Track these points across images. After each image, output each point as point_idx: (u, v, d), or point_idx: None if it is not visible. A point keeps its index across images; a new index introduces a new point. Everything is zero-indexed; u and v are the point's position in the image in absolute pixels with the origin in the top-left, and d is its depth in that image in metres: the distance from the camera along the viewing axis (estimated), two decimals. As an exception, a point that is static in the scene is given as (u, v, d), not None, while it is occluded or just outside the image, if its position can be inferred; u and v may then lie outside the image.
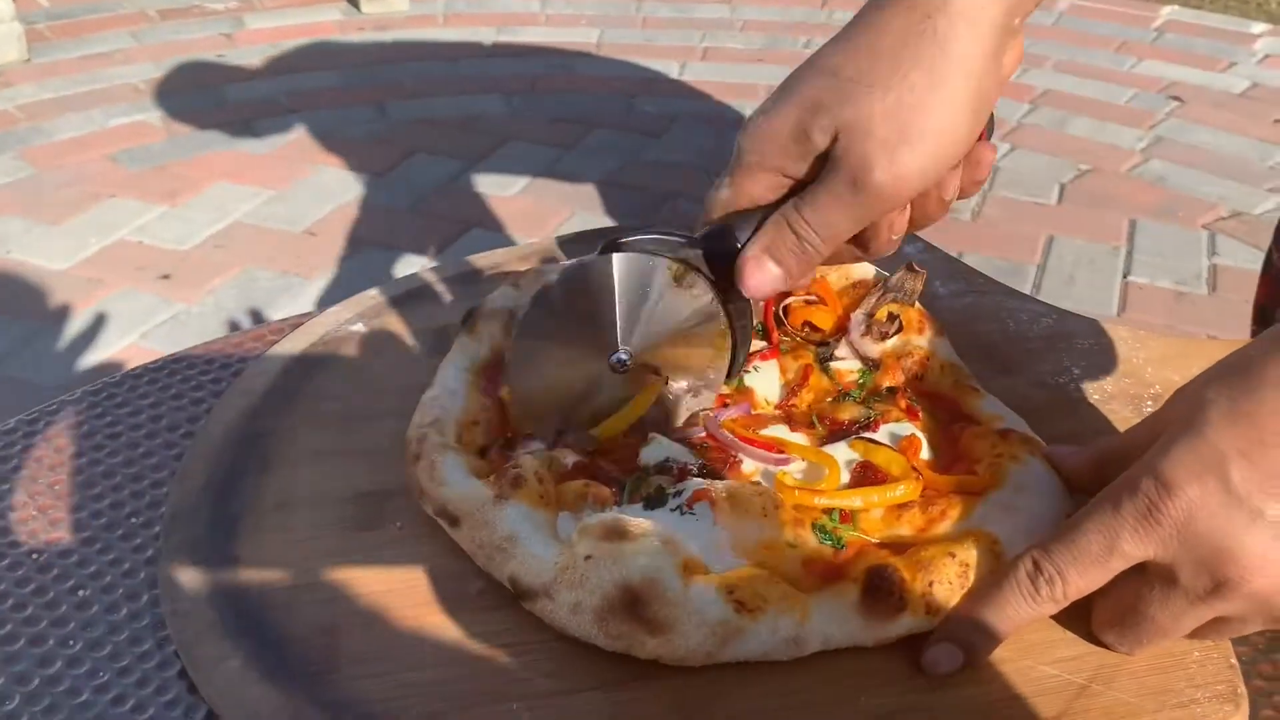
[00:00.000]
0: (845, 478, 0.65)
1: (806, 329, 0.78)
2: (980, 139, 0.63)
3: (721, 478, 0.64)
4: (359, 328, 0.81)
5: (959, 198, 0.66)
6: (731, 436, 0.67)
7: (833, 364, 0.75)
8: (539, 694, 0.54)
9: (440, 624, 0.58)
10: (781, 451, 0.67)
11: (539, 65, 3.39)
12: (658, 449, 0.66)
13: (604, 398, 0.69)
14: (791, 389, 0.73)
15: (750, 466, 0.66)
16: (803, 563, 0.59)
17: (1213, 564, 0.50)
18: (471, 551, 0.60)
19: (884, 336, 0.75)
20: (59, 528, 0.66)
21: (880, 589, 0.56)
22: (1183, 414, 0.53)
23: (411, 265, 2.39)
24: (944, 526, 0.61)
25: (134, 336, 2.16)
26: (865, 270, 0.80)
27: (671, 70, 3.37)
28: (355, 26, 3.62)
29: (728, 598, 0.55)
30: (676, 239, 0.67)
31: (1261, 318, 1.11)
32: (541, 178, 2.78)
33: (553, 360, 0.68)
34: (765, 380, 0.73)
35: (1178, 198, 2.75)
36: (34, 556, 0.64)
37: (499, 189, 2.72)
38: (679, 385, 0.71)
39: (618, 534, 0.56)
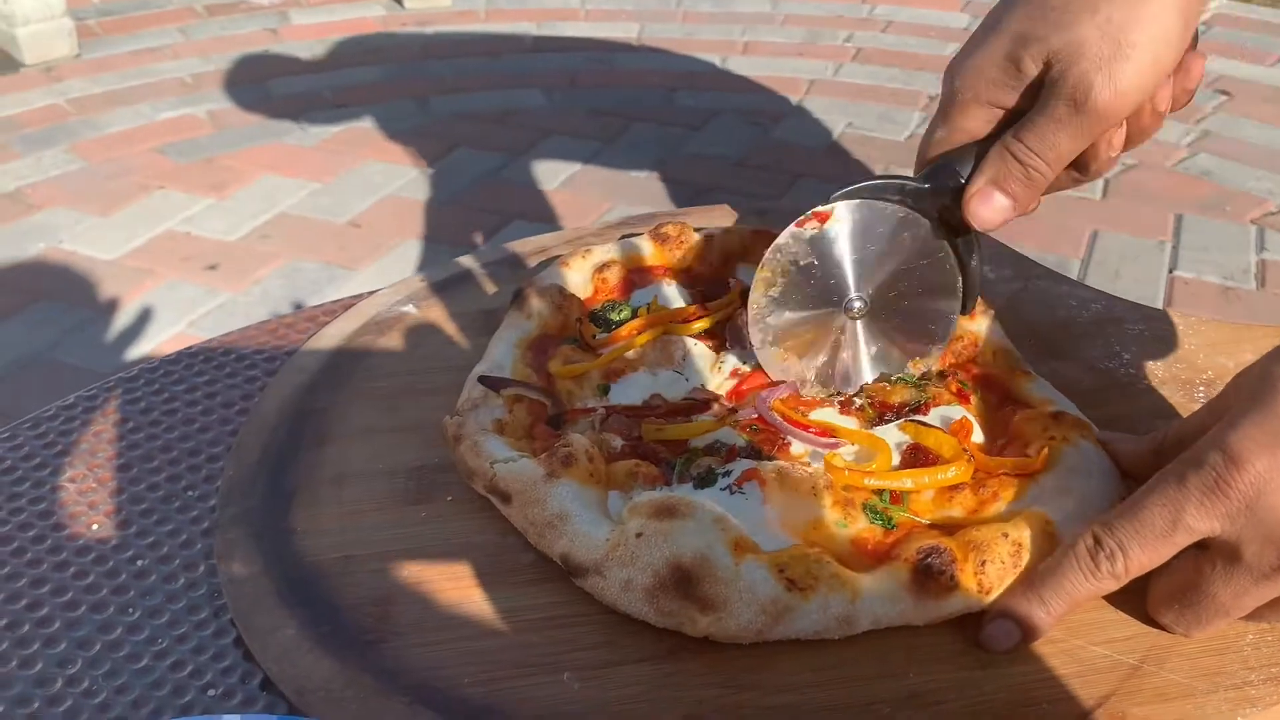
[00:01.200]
0: (896, 460, 0.65)
1: None
2: (1189, 48, 0.65)
3: (770, 459, 0.64)
4: (409, 309, 0.82)
5: (1172, 110, 0.67)
6: (780, 419, 0.67)
7: None
8: (589, 665, 0.54)
9: (491, 595, 0.58)
10: (831, 435, 0.67)
11: (579, 59, 3.40)
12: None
13: (847, 352, 0.73)
14: None
15: (799, 449, 0.66)
16: (852, 542, 0.59)
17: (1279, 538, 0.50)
18: (523, 528, 0.61)
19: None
20: (117, 500, 0.68)
21: (931, 568, 0.56)
22: (1249, 391, 0.52)
23: (454, 256, 2.40)
24: (996, 508, 0.60)
25: (181, 326, 2.19)
26: None
27: (712, 64, 3.37)
28: (398, 22, 3.65)
29: (779, 576, 0.55)
30: (900, 182, 0.69)
31: None
32: (582, 170, 2.79)
33: (790, 316, 0.71)
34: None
35: (1225, 192, 2.72)
36: (94, 528, 0.65)
37: (540, 182, 2.73)
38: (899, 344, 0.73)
39: (668, 512, 0.57)
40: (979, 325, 0.74)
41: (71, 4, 3.48)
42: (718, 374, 0.73)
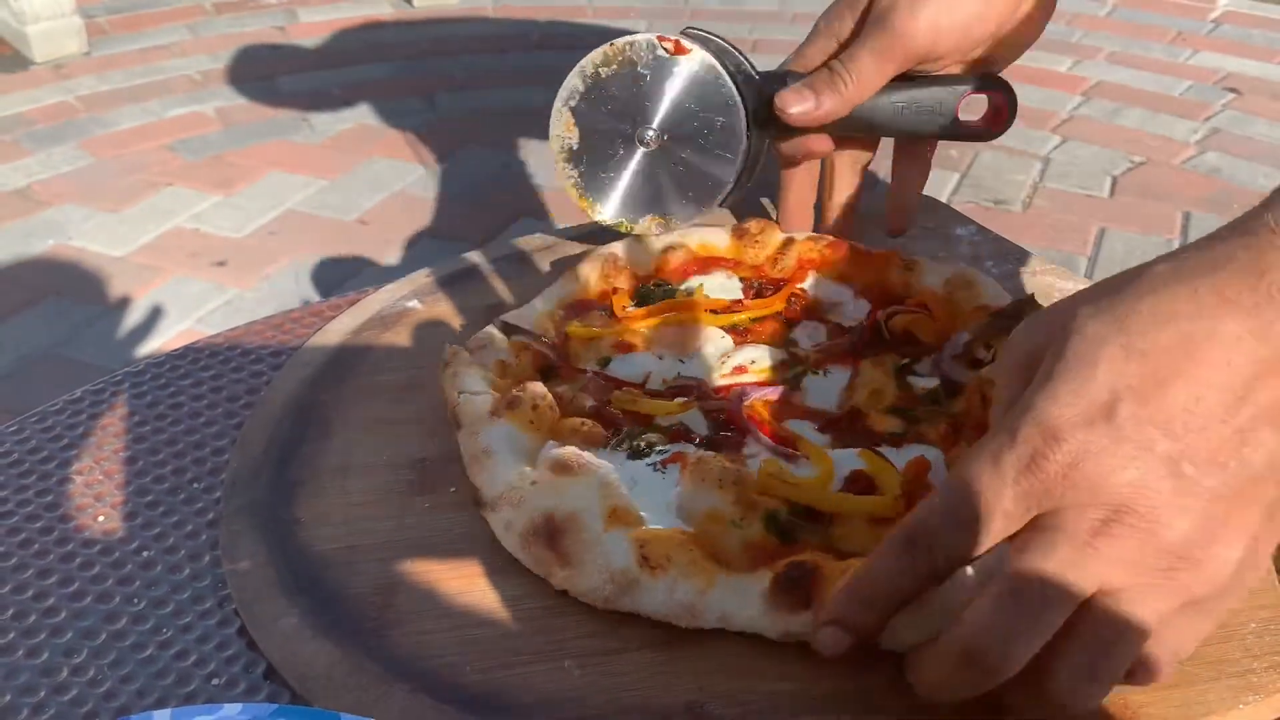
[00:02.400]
0: (839, 485, 0.62)
1: (908, 339, 0.74)
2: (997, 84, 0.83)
3: (719, 449, 0.64)
4: (414, 304, 0.82)
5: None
6: (746, 419, 0.67)
7: (911, 378, 0.71)
8: (590, 653, 0.55)
9: (493, 585, 0.59)
10: (791, 446, 0.65)
11: (587, 57, 3.40)
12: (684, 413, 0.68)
13: (618, 175, 0.82)
14: (846, 395, 0.70)
15: (753, 450, 0.65)
16: (744, 545, 0.58)
17: (1099, 500, 0.45)
18: (464, 457, 0.64)
19: (977, 365, 0.69)
20: (124, 491, 0.68)
21: (791, 579, 0.54)
22: (1055, 348, 0.48)
23: (462, 253, 2.41)
24: None
25: (189, 322, 2.20)
26: (999, 297, 0.75)
27: (720, 62, 3.36)
28: (406, 18, 3.66)
29: (636, 550, 0.56)
30: (741, 59, 0.82)
31: None
32: (589, 168, 2.79)
33: (596, 112, 0.82)
34: (826, 386, 0.71)
35: (1233, 190, 2.71)
36: (100, 520, 0.66)
37: (548, 179, 2.74)
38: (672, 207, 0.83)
39: (565, 468, 0.60)
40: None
41: (81, 2, 3.49)
42: (721, 367, 0.73)
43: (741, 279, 0.80)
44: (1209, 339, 0.44)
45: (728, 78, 0.79)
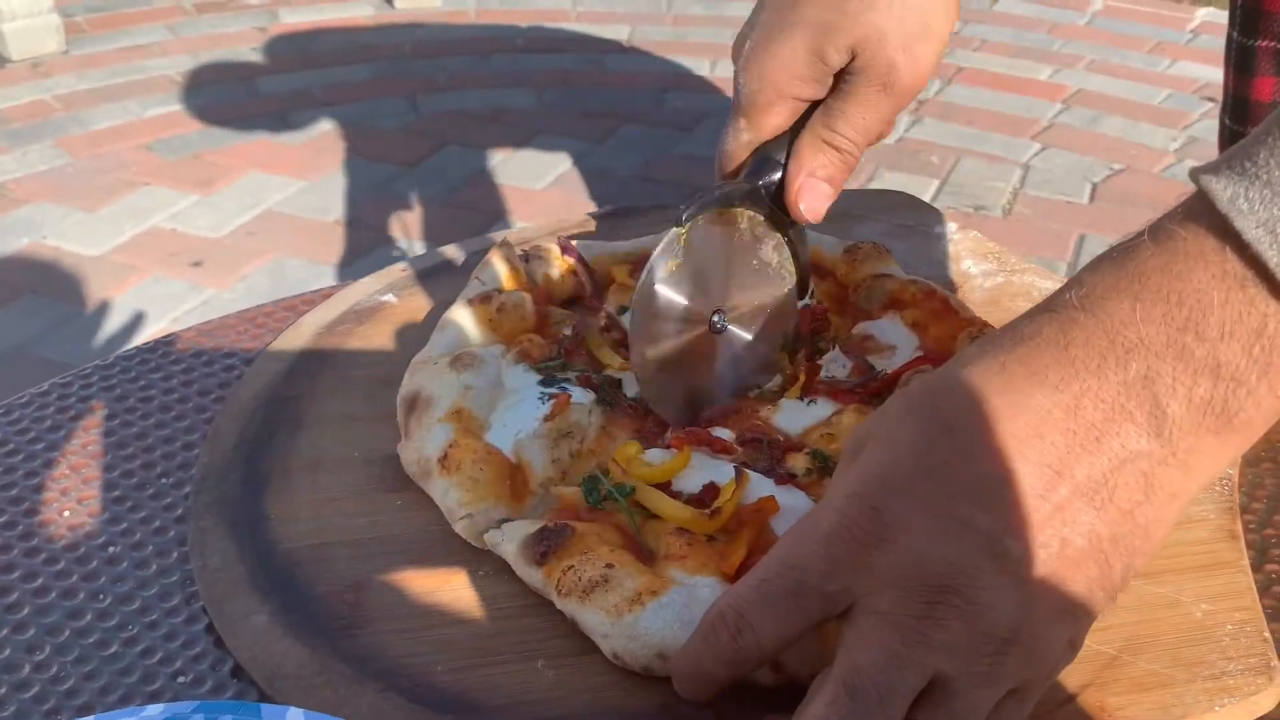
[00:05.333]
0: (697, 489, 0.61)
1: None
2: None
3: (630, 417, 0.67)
4: (389, 299, 0.82)
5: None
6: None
7: None
8: (563, 653, 0.54)
9: (465, 583, 0.58)
10: (703, 443, 0.64)
11: (570, 60, 3.40)
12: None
13: (724, 365, 0.71)
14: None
15: (636, 448, 0.63)
16: (559, 496, 0.61)
17: (921, 579, 0.43)
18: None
19: None
20: (91, 486, 0.67)
21: (543, 534, 0.56)
22: (878, 422, 0.46)
23: (440, 255, 2.40)
24: (675, 567, 0.55)
25: (165, 322, 2.18)
26: None
27: (702, 67, 3.37)
28: (388, 21, 3.64)
29: (445, 450, 0.62)
30: (727, 189, 0.68)
31: (1236, 113, 1.07)
32: (571, 170, 2.78)
33: (666, 344, 0.68)
34: (800, 414, 0.68)
35: (1212, 198, 2.73)
36: (65, 514, 0.65)
37: (529, 181, 2.73)
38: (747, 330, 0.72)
39: (458, 360, 0.67)
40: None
41: (59, 1, 3.46)
42: None
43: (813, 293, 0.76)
44: (1018, 413, 0.43)
45: (740, 211, 0.68)
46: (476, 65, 3.36)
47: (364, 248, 2.44)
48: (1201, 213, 0.42)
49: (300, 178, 2.71)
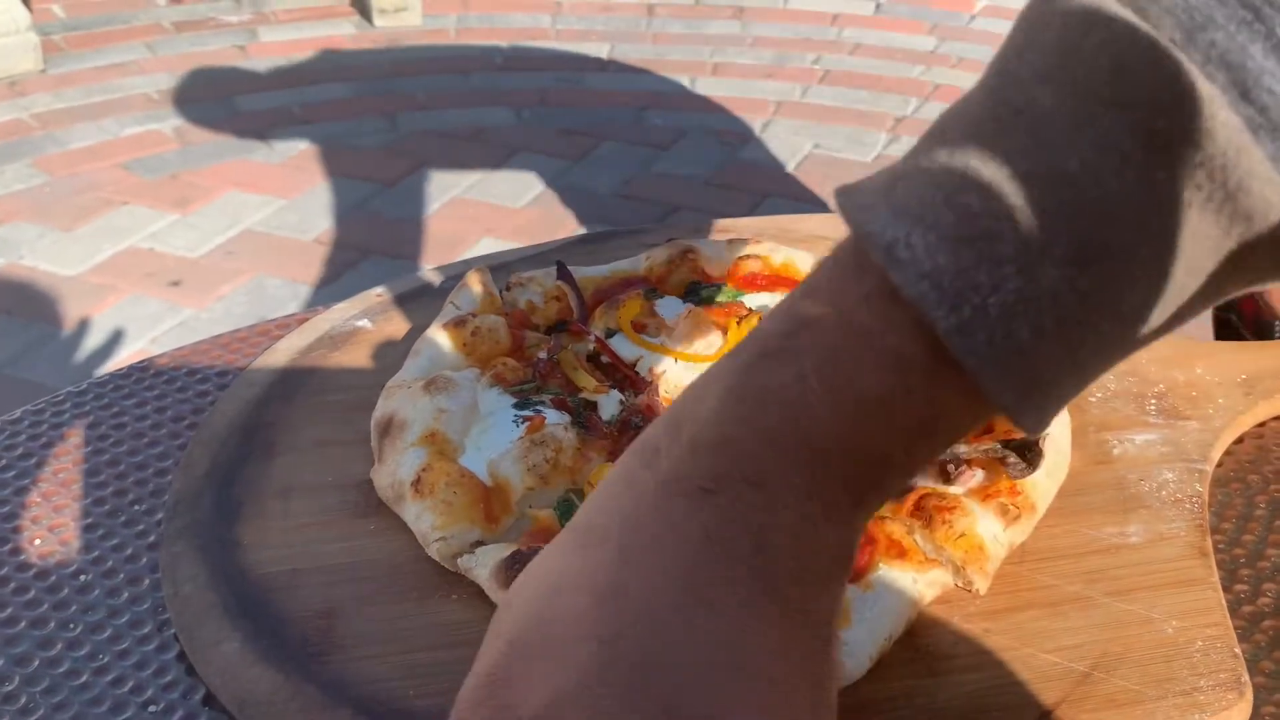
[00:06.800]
0: None
1: None
2: None
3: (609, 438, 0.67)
4: (364, 324, 0.81)
5: None
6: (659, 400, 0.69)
7: None
8: (537, 678, 0.54)
9: (437, 609, 0.58)
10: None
11: (549, 78, 3.40)
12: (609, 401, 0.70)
13: None
14: None
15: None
16: (532, 519, 0.62)
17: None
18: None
19: (944, 477, 0.63)
20: (63, 514, 0.66)
21: (516, 560, 0.56)
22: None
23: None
24: None
25: (143, 342, 2.17)
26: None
27: (681, 84, 3.38)
28: (368, 40, 3.65)
29: (418, 473, 0.62)
30: None
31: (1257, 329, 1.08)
32: (551, 189, 2.79)
33: None
34: None
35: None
36: (36, 542, 0.64)
37: (509, 200, 2.73)
38: None
39: (431, 384, 0.67)
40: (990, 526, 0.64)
41: (37, 19, 3.45)
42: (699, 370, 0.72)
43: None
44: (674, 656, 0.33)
45: None
46: (456, 84, 3.37)
47: (343, 267, 2.43)
48: (859, 273, 0.34)
49: (279, 197, 2.71)
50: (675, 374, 0.71)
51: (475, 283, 0.77)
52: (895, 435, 0.33)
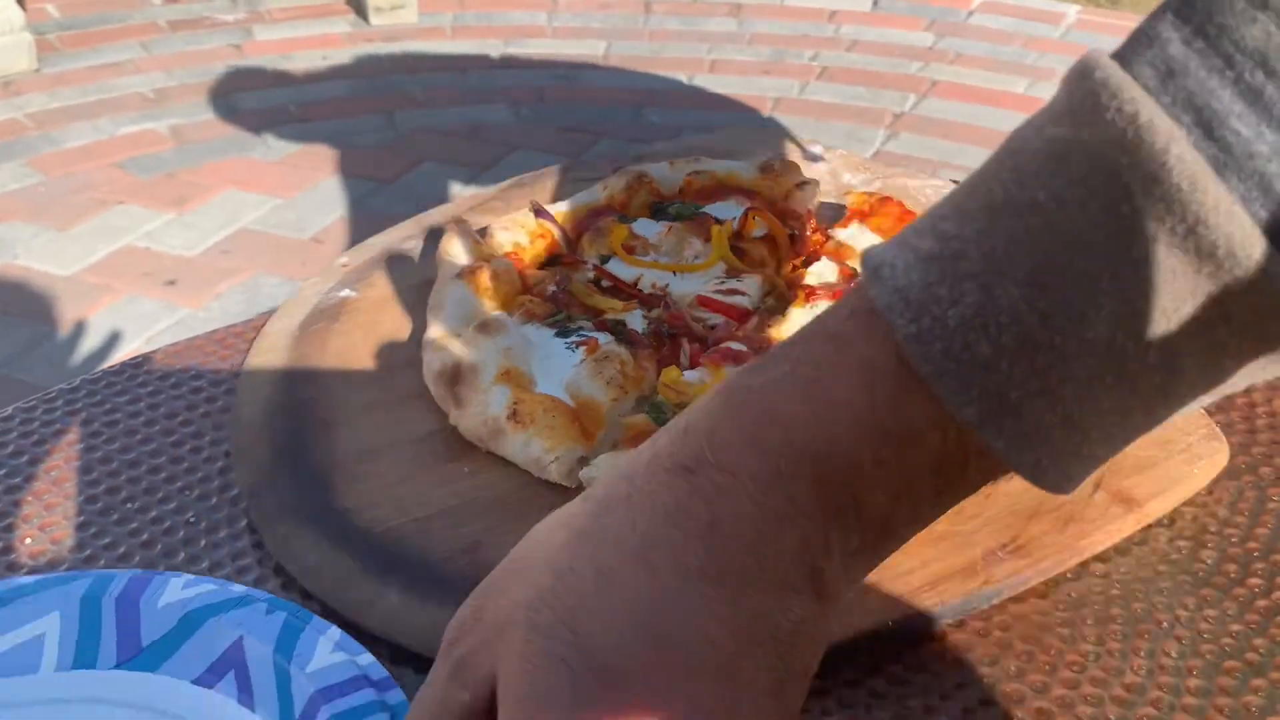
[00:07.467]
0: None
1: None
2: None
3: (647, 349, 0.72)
4: (348, 294, 0.82)
5: None
6: (683, 323, 0.75)
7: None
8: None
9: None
10: (711, 366, 0.71)
11: (546, 76, 3.39)
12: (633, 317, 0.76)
13: None
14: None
15: (676, 372, 0.71)
16: (624, 427, 0.67)
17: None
18: (429, 307, 0.75)
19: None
20: (55, 512, 0.66)
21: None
22: (520, 684, 0.37)
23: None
24: None
25: (139, 341, 2.16)
26: None
27: (679, 81, 3.37)
28: (364, 38, 3.63)
29: (510, 406, 0.66)
30: None
31: None
32: (548, 187, 2.78)
33: None
34: (809, 318, 0.76)
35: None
36: (28, 541, 0.63)
37: (506, 198, 2.72)
38: None
39: (484, 327, 0.71)
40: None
41: (31, 18, 3.44)
42: (707, 287, 0.78)
43: (748, 209, 0.84)
44: (671, 637, 0.35)
45: None
46: (453, 81, 3.36)
47: (340, 265, 2.43)
48: (858, 297, 0.35)
49: (276, 195, 2.70)
50: (677, 286, 0.78)
51: (459, 235, 0.79)
52: (862, 440, 0.34)
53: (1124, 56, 0.33)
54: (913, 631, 0.56)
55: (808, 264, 0.80)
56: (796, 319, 0.73)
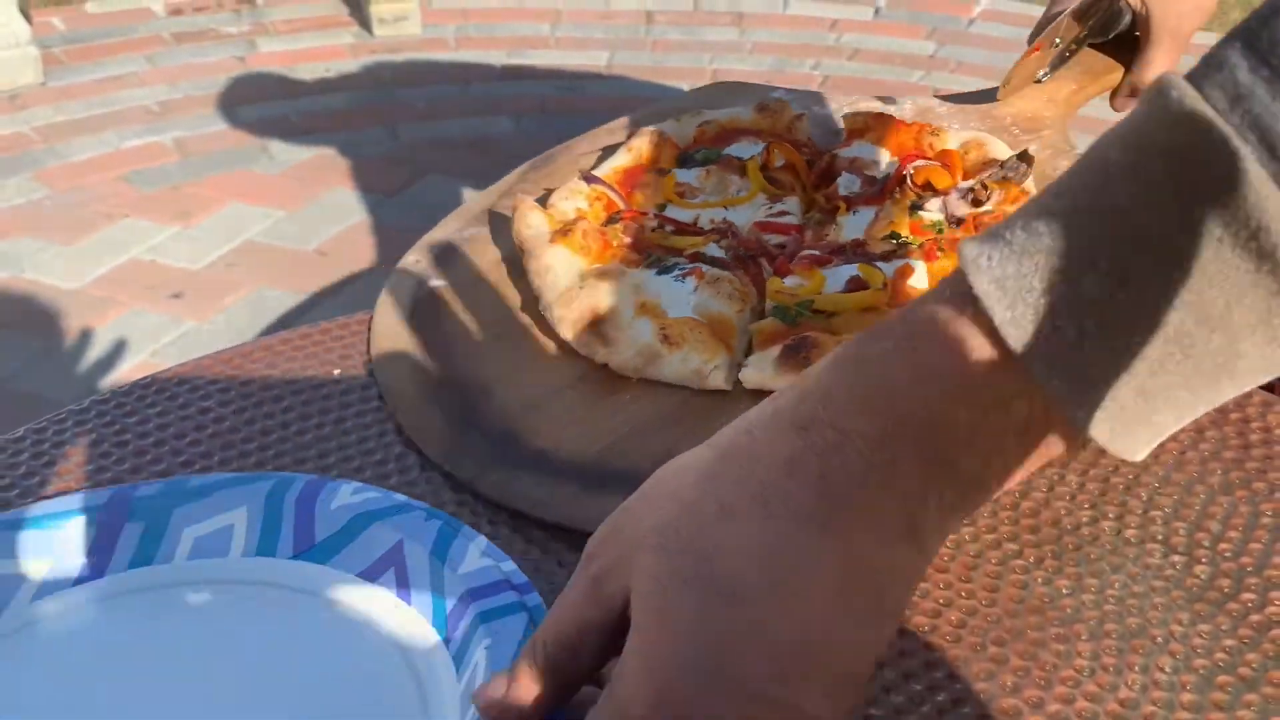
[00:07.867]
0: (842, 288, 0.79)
1: (927, 188, 0.88)
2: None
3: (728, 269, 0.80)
4: (438, 284, 0.86)
5: None
6: (757, 242, 0.84)
7: (920, 212, 0.85)
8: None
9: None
10: (804, 271, 0.79)
11: (549, 87, 3.41)
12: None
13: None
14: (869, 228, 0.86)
15: (778, 282, 0.79)
16: (757, 332, 0.75)
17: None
18: (529, 274, 0.80)
19: (976, 203, 0.83)
20: (65, 533, 0.66)
21: (794, 347, 0.70)
22: (651, 603, 0.43)
23: (422, 284, 2.39)
24: None
25: (144, 355, 2.17)
26: (1002, 151, 0.89)
27: (681, 91, 3.38)
28: (367, 50, 3.65)
29: (658, 332, 0.73)
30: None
31: None
32: (551, 198, 2.79)
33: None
34: (856, 222, 0.85)
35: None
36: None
37: (509, 209, 2.73)
38: None
39: (605, 274, 0.77)
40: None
41: (37, 32, 3.46)
42: (758, 214, 0.87)
43: (768, 144, 0.93)
44: (794, 571, 0.41)
45: None
46: (456, 93, 3.37)
47: (345, 278, 2.44)
48: (957, 282, 0.40)
49: (280, 208, 2.71)
50: (732, 218, 0.87)
51: (531, 209, 0.85)
52: (959, 406, 0.39)
53: (1196, 79, 0.36)
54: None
55: (832, 180, 0.89)
56: (844, 224, 0.85)
